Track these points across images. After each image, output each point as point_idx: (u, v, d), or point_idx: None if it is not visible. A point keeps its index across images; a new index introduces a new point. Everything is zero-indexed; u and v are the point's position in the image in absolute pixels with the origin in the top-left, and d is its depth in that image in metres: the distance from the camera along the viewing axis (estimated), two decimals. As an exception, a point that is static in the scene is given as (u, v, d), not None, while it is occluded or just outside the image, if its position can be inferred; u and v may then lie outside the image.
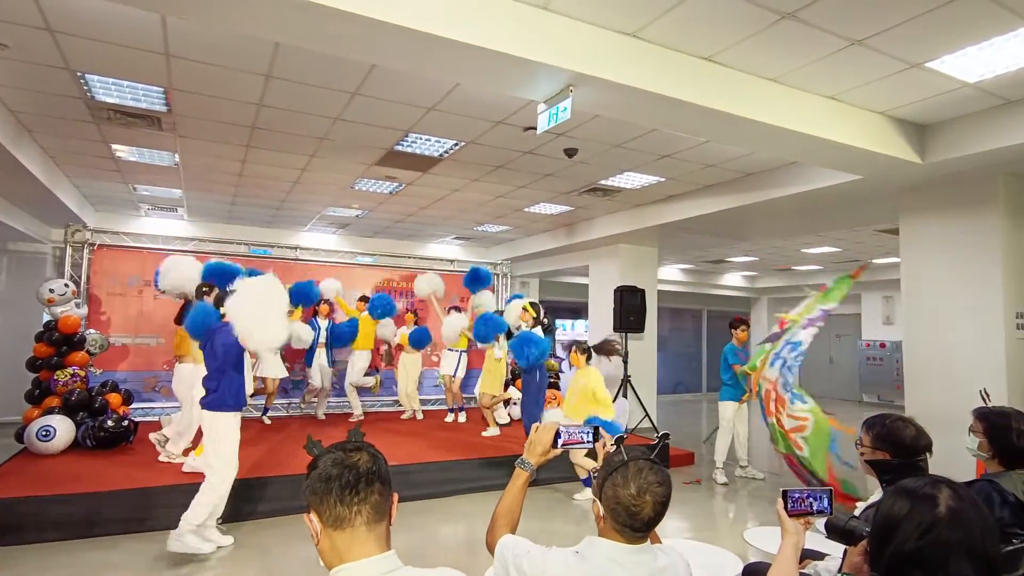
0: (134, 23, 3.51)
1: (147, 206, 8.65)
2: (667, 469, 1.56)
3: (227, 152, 5.96)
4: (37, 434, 5.67)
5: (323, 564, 1.30)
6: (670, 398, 14.59)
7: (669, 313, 15.42)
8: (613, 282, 8.97)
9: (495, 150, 5.74)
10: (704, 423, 11.15)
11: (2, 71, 4.19)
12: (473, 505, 5.40)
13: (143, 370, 8.40)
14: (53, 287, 6.59)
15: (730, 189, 6.59)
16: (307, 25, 2.92)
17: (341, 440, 1.39)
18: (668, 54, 3.63)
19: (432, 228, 9.79)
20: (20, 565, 3.80)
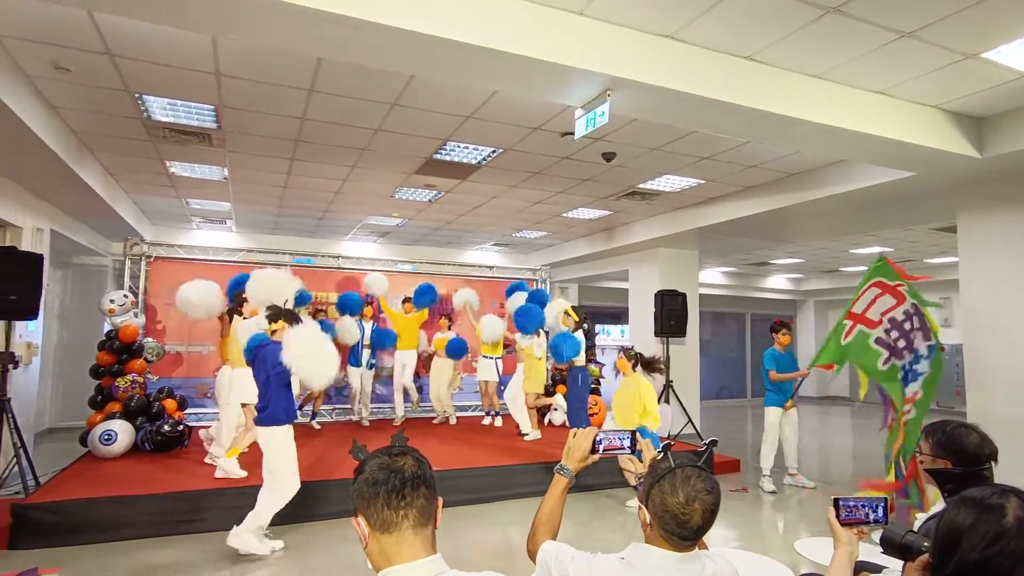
0: (187, 45, 3.67)
1: (198, 219, 9.00)
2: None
3: (272, 165, 6.16)
4: (100, 438, 5.95)
5: (371, 566, 1.32)
6: (713, 404, 14.28)
7: (711, 317, 15.12)
8: (653, 286, 8.85)
9: (533, 156, 5.75)
10: (749, 429, 10.87)
11: (66, 94, 4.45)
12: (512, 511, 5.39)
13: (195, 376, 8.71)
14: (114, 298, 6.91)
15: (773, 190, 6.44)
16: (347, 39, 3.00)
17: (385, 445, 1.41)
18: (707, 55, 3.58)
19: (471, 235, 9.87)
20: (84, 564, 3.98)
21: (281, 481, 4.17)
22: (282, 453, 4.18)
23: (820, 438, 10.12)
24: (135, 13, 2.83)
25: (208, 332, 8.69)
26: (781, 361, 6.21)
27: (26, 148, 4.67)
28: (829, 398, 15.49)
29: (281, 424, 4.17)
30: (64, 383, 8.95)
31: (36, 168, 5.25)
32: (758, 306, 15.77)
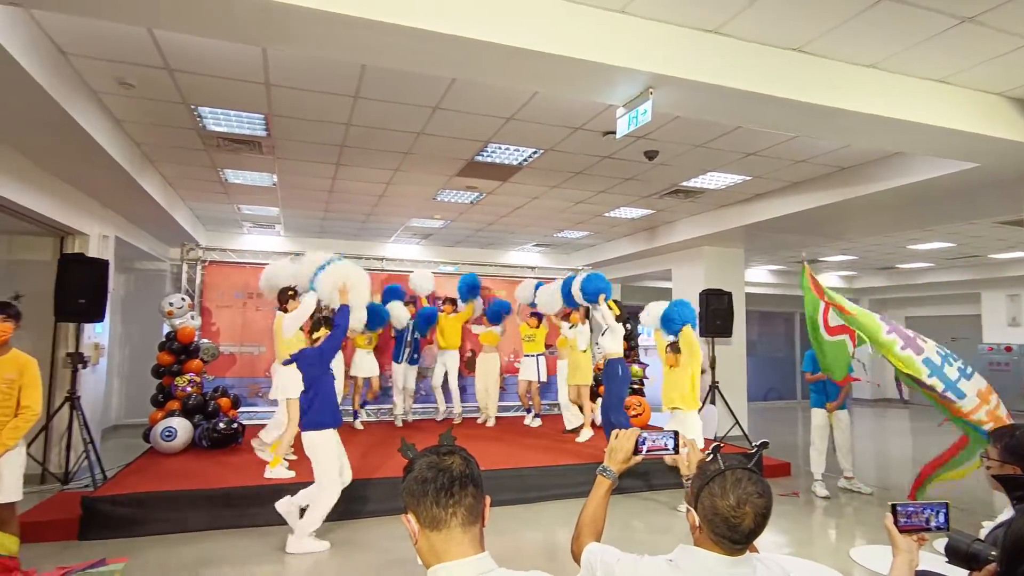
0: (239, 57, 3.82)
1: (249, 224, 9.33)
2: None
3: (319, 170, 6.33)
4: (161, 434, 6.24)
5: (421, 562, 1.34)
6: (761, 405, 13.90)
7: (758, 317, 14.72)
8: (698, 285, 8.69)
9: (574, 156, 5.74)
10: (800, 432, 10.54)
11: (129, 108, 4.68)
12: (554, 512, 5.39)
13: (247, 376, 9.02)
14: (172, 301, 7.23)
15: (823, 185, 6.23)
16: (391, 46, 3.06)
17: (431, 444, 1.43)
18: (753, 48, 3.50)
19: (512, 236, 9.91)
20: (147, 554, 4.18)
21: (325, 485, 4.31)
22: (325, 457, 4.31)
23: (876, 442, 9.72)
24: (193, 29, 2.96)
25: (260, 333, 9.02)
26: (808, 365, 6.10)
27: (93, 160, 4.94)
28: (885, 400, 14.87)
29: (326, 427, 4.31)
30: (128, 382, 9.42)
31: (102, 179, 5.55)
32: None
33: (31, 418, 3.49)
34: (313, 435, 4.29)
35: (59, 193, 5.60)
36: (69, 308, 5.64)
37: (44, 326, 6.07)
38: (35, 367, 3.56)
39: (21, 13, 3.19)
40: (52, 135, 4.34)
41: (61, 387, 5.98)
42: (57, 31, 3.50)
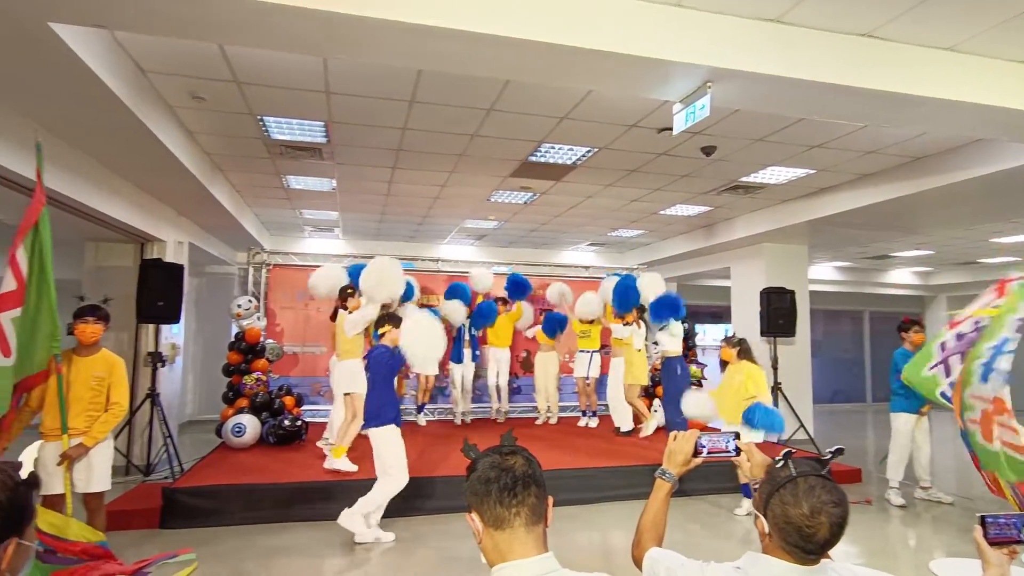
0: (301, 68, 3.96)
1: (310, 228, 9.67)
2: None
3: (376, 175, 6.49)
4: (232, 430, 6.55)
5: (485, 561, 1.35)
6: (827, 408, 13.31)
7: (823, 316, 14.10)
8: (758, 284, 8.40)
9: (629, 154, 5.66)
10: (871, 436, 10.05)
11: (201, 121, 4.94)
12: (611, 513, 5.33)
13: (310, 375, 9.34)
14: (240, 303, 7.57)
15: (895, 176, 5.91)
16: (446, 50, 3.10)
17: (492, 445, 1.44)
18: (818, 36, 3.36)
19: (566, 235, 9.87)
20: (220, 543, 4.40)
21: (393, 476, 4.43)
22: (391, 451, 4.44)
23: (956, 448, 9.14)
24: (260, 43, 3.10)
25: (321, 333, 9.33)
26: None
27: (169, 170, 5.24)
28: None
29: (391, 423, 4.43)
30: (200, 380, 9.94)
31: (177, 188, 5.88)
32: (878, 303, 14.51)
33: (119, 413, 3.74)
34: (379, 431, 4.43)
35: (139, 202, 5.97)
36: (149, 310, 6.01)
37: (127, 327, 6.48)
38: (122, 366, 3.81)
39: (105, 34, 3.41)
40: (132, 148, 4.63)
41: (142, 384, 6.37)
42: (136, 50, 3.73)
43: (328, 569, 4.17)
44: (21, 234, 3.33)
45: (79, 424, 3.58)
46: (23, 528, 1.07)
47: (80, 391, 3.60)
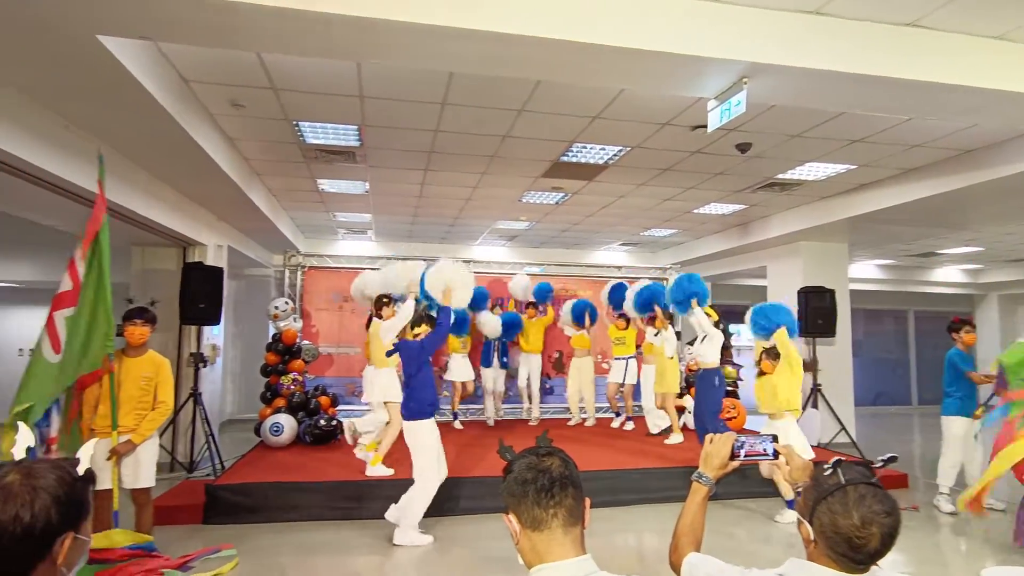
0: (336, 73, 4.03)
1: (343, 230, 9.84)
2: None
3: (408, 177, 6.56)
4: (270, 429, 6.70)
5: (523, 562, 1.35)
6: (870, 410, 12.90)
7: (865, 315, 13.67)
8: (795, 283, 8.20)
9: (662, 152, 5.59)
10: (917, 440, 9.71)
11: (240, 127, 5.07)
12: (644, 515, 5.27)
13: (344, 376, 9.49)
14: (277, 304, 7.75)
15: (942, 170, 5.70)
16: (478, 52, 3.11)
17: (527, 446, 1.43)
18: (860, 27, 3.26)
19: (598, 235, 9.81)
20: (260, 539, 4.51)
21: (426, 476, 4.46)
22: (425, 449, 4.47)
23: (1008, 453, 8.74)
24: (297, 50, 3.16)
25: (355, 334, 9.47)
26: (969, 364, 5.46)
27: (210, 176, 5.39)
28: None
29: (425, 418, 4.47)
30: (239, 380, 10.20)
31: (217, 193, 6.04)
32: (923, 302, 14.00)
33: (166, 412, 3.87)
34: (413, 424, 4.49)
35: (181, 207, 6.15)
36: (191, 312, 6.20)
37: (171, 328, 6.69)
38: (168, 366, 3.94)
39: (150, 46, 3.53)
40: (176, 155, 4.78)
41: (185, 384, 6.56)
42: (180, 61, 3.85)
43: (364, 567, 4.23)
44: (89, 238, 3.50)
45: (128, 422, 3.71)
46: (80, 523, 1.11)
47: (129, 390, 3.73)
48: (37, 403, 3.24)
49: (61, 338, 3.39)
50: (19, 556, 1.03)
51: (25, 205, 5.15)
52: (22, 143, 3.62)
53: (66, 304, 3.42)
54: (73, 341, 3.42)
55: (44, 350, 3.36)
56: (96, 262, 3.51)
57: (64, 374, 3.41)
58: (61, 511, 1.06)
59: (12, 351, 10.07)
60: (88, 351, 3.49)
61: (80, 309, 3.45)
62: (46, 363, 3.34)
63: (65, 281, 3.45)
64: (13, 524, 1.02)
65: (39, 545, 1.05)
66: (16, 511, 1.02)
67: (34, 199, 4.62)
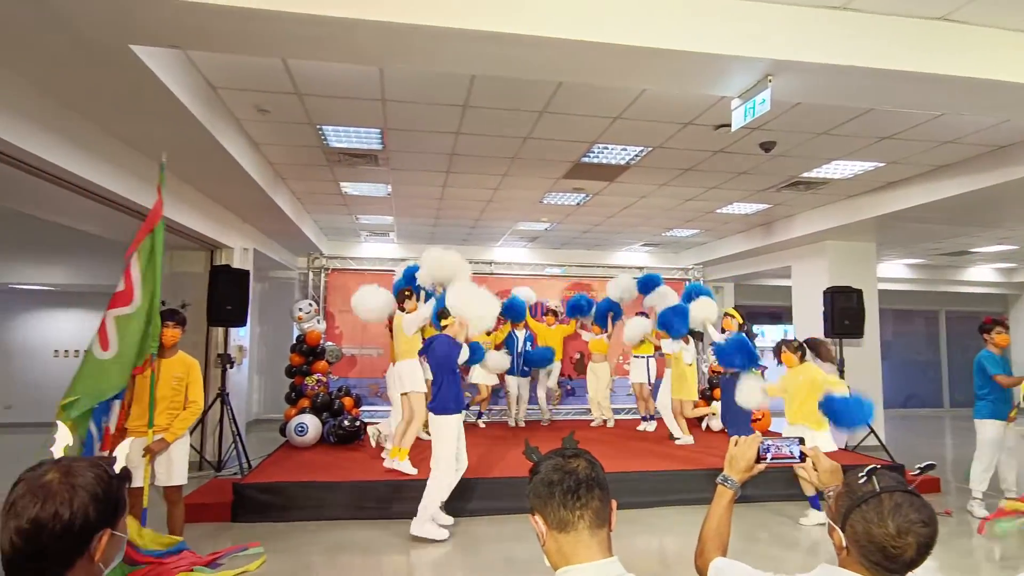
0: (358, 77, 4.08)
1: (366, 233, 9.92)
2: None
3: (430, 179, 6.60)
4: (295, 429, 6.79)
5: (548, 564, 1.35)
6: (899, 413, 12.62)
7: (893, 316, 13.38)
8: (821, 283, 8.06)
9: (684, 152, 5.55)
10: (948, 443, 9.47)
11: (265, 132, 5.16)
12: (668, 518, 5.22)
13: (367, 377, 9.59)
14: (301, 306, 7.85)
15: (974, 167, 5.55)
16: (500, 55, 3.12)
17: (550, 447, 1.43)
18: (888, 21, 3.19)
19: (619, 236, 9.75)
20: (287, 538, 4.57)
21: (440, 468, 4.53)
22: (444, 441, 4.54)
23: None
24: (322, 56, 3.21)
25: (378, 336, 9.56)
26: (1000, 365, 5.31)
27: (236, 181, 5.49)
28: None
29: (450, 413, 4.54)
30: (264, 380, 10.36)
31: (243, 197, 6.15)
32: (955, 302, 13.64)
33: (196, 411, 3.98)
34: (439, 419, 4.56)
35: (209, 211, 6.28)
36: (218, 314, 6.31)
37: (199, 330, 6.82)
38: (198, 367, 4.05)
39: (178, 54, 3.61)
40: (203, 160, 4.88)
41: (213, 385, 6.68)
42: (207, 68, 3.92)
43: (389, 566, 4.27)
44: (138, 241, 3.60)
45: (161, 421, 3.81)
46: (116, 520, 1.14)
47: (162, 390, 3.83)
48: (83, 397, 3.34)
49: (110, 337, 3.51)
50: (59, 552, 1.07)
51: (60, 210, 5.30)
52: (60, 151, 3.73)
53: (120, 304, 3.54)
54: (127, 340, 3.54)
55: (93, 348, 3.49)
56: (150, 265, 3.61)
57: (123, 372, 3.53)
58: (99, 508, 1.09)
59: (48, 352, 10.35)
60: (141, 351, 3.60)
61: (136, 310, 3.57)
62: (95, 360, 3.46)
63: (120, 282, 3.57)
64: (53, 521, 1.05)
65: (78, 541, 1.08)
66: (56, 508, 1.05)
67: (68, 205, 4.75)
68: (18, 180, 3.97)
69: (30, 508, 1.05)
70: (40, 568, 1.06)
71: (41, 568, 1.07)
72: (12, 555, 1.05)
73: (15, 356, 10.25)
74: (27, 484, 1.08)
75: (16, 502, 1.06)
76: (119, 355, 3.52)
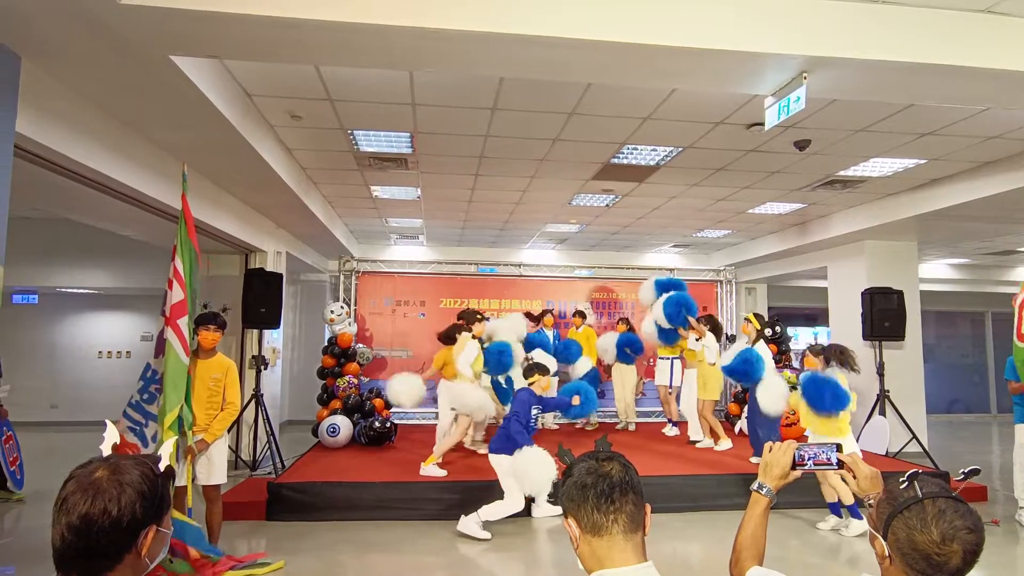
0: (389, 82, 4.13)
1: (395, 236, 10.03)
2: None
3: (459, 182, 6.64)
4: (327, 430, 6.90)
5: (583, 567, 1.34)
6: (944, 419, 12.19)
7: (936, 317, 12.94)
8: (859, 284, 7.84)
9: (715, 152, 5.46)
10: (996, 450, 9.10)
11: (298, 138, 5.26)
12: (696, 523, 5.13)
13: (398, 378, 9.68)
14: (333, 309, 7.97)
15: (1021, 163, 5.34)
16: (530, 58, 3.12)
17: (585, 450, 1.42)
18: (929, 15, 3.09)
19: (649, 237, 9.66)
20: (320, 536, 4.64)
21: (513, 497, 4.65)
22: (507, 473, 4.65)
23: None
24: (354, 62, 3.26)
25: (407, 338, 9.67)
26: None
27: (270, 186, 5.61)
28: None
29: (507, 454, 4.65)
30: (297, 382, 10.55)
31: (276, 202, 6.28)
32: (1003, 303, 13.07)
33: (234, 412, 4.08)
34: (500, 458, 4.70)
35: (243, 215, 6.43)
36: (253, 316, 6.45)
37: (235, 332, 6.98)
38: (235, 368, 4.15)
39: (215, 63, 3.71)
40: (239, 166, 5.00)
41: (248, 386, 6.83)
42: (243, 76, 4.02)
43: (420, 566, 4.29)
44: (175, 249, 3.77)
45: (200, 421, 3.91)
46: (161, 516, 1.18)
47: (200, 391, 3.93)
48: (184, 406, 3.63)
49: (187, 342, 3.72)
50: (107, 547, 1.10)
51: (104, 216, 5.49)
52: (103, 159, 3.87)
53: (183, 312, 3.72)
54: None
55: (179, 353, 3.65)
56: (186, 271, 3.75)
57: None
58: (145, 505, 1.12)
59: (92, 354, 10.73)
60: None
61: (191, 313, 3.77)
62: (182, 365, 3.65)
63: (176, 291, 3.71)
64: (102, 517, 1.08)
65: (125, 537, 1.11)
66: (104, 505, 1.08)
67: (111, 210, 4.92)
68: (64, 187, 4.13)
69: (80, 504, 1.08)
70: (89, 563, 1.10)
71: (91, 563, 1.10)
72: (63, 549, 1.09)
73: (61, 357, 10.65)
74: (78, 481, 1.11)
75: (67, 498, 1.09)
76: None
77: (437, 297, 9.96)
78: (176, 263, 3.72)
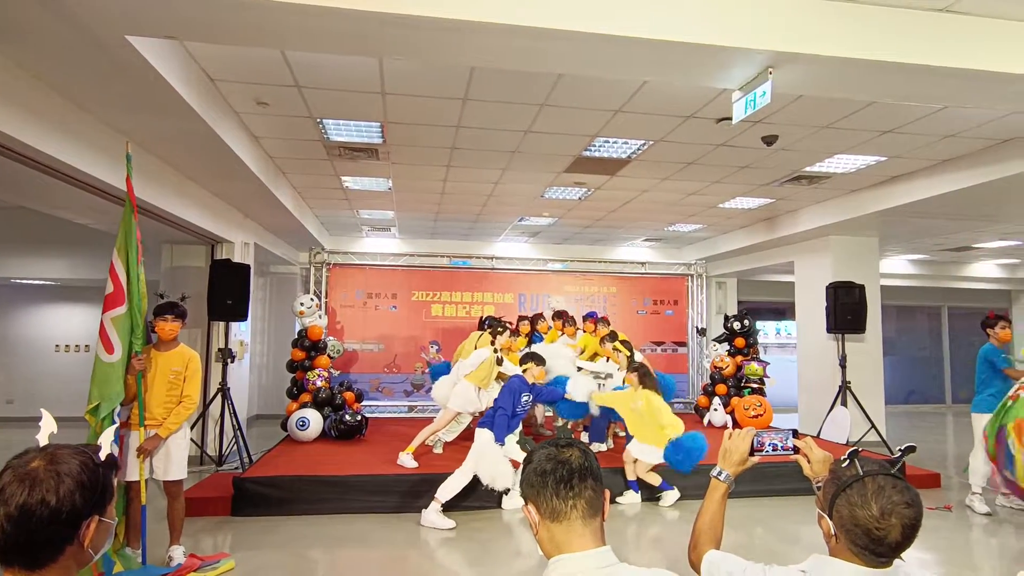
0: (358, 70, 4.06)
1: (367, 228, 9.92)
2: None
3: (430, 173, 6.59)
4: (296, 424, 6.80)
5: (542, 553, 1.35)
6: (901, 409, 12.60)
7: (896, 312, 13.34)
8: (824, 278, 8.05)
9: (685, 146, 5.52)
10: (951, 439, 9.44)
11: (265, 125, 5.14)
12: (660, 512, 5.22)
13: (368, 372, 9.61)
14: (303, 301, 7.84)
15: (977, 161, 5.52)
16: (499, 46, 3.10)
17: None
18: (890, 13, 3.17)
19: (621, 231, 9.73)
20: (287, 531, 4.58)
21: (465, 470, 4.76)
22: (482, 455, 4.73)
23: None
24: (322, 47, 3.18)
25: (378, 331, 9.59)
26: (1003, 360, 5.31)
27: (236, 175, 5.48)
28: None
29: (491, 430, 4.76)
30: (265, 376, 10.38)
31: (243, 191, 6.15)
32: (958, 298, 13.59)
33: (190, 407, 3.92)
34: (482, 431, 4.78)
35: (209, 205, 6.27)
36: (219, 308, 6.31)
37: (200, 324, 6.83)
38: (198, 361, 4.00)
39: (176, 45, 3.60)
40: (203, 153, 4.87)
41: (214, 379, 6.69)
42: (205, 60, 3.91)
43: (389, 559, 4.27)
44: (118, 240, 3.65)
45: (157, 415, 3.79)
46: (104, 507, 1.14)
47: (159, 385, 3.81)
48: (103, 402, 3.52)
49: (112, 339, 3.57)
50: (48, 538, 1.07)
51: (58, 203, 5.30)
52: (54, 141, 3.72)
53: (113, 306, 3.59)
54: (127, 340, 3.62)
55: (99, 352, 3.57)
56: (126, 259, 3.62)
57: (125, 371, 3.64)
58: (85, 495, 1.09)
59: (49, 347, 10.38)
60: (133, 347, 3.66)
61: (128, 308, 3.62)
62: (103, 364, 3.55)
63: (108, 284, 3.59)
64: (40, 508, 1.05)
65: (66, 528, 1.08)
66: (42, 495, 1.05)
67: (66, 197, 4.75)
68: (15, 172, 3.97)
69: (18, 495, 1.05)
70: (31, 554, 1.07)
71: (32, 554, 1.07)
72: (3, 541, 1.05)
73: (16, 351, 10.28)
74: (14, 472, 1.08)
75: (3, 489, 1.06)
76: (123, 357, 3.60)
77: (409, 290, 9.90)
78: (113, 253, 3.60)
